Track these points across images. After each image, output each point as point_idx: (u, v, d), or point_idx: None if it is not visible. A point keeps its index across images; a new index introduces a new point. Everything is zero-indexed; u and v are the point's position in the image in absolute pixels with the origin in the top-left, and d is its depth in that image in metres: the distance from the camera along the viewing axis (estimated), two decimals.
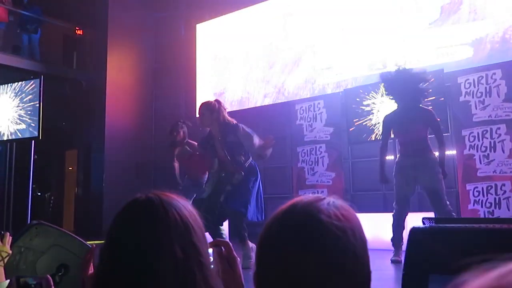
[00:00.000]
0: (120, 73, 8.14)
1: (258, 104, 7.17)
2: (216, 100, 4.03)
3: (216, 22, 7.96)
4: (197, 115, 7.55)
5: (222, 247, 1.16)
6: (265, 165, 6.31)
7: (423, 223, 1.08)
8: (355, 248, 0.68)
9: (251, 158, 3.90)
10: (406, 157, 3.87)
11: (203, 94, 7.85)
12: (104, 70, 7.94)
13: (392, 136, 4.24)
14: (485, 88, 4.97)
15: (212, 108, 3.88)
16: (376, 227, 4.60)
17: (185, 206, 0.87)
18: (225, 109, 3.97)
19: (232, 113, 7.24)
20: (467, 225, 1.02)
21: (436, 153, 3.89)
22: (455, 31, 5.53)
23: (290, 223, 0.70)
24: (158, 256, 0.80)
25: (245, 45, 7.51)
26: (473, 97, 5.04)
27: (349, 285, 0.68)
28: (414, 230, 1.05)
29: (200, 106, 4.02)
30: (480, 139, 4.90)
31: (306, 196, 0.74)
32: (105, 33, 8.01)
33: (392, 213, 4.02)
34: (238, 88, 7.52)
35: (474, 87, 5.05)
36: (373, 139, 5.46)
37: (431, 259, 1.00)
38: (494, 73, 4.94)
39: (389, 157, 5.85)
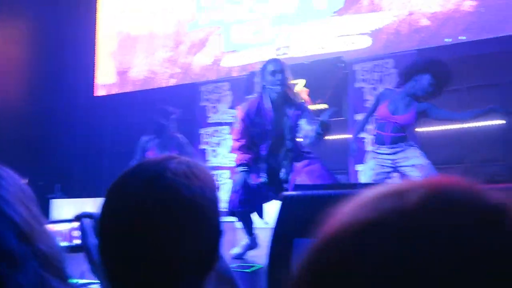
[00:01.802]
0: (8, 46, 7.41)
1: (163, 85, 6.98)
2: None
3: None
4: (96, 94, 7.14)
5: (88, 219, 1.12)
6: None
7: (295, 190, 1.09)
8: (203, 208, 0.65)
9: None
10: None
11: (105, 72, 7.45)
12: None
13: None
14: (379, 76, 5.29)
15: None
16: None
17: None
18: None
19: (135, 94, 7.02)
20: (327, 191, 1.04)
21: None
22: (355, 20, 5.81)
23: (135, 182, 0.65)
24: None
25: (151, 22, 7.23)
26: (367, 84, 5.35)
27: (196, 246, 0.64)
28: (285, 197, 1.05)
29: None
30: None
31: (155, 157, 0.71)
32: None
33: None
34: (143, 67, 7.24)
35: (369, 74, 5.36)
36: None
37: (296, 224, 1.01)
38: (387, 62, 5.28)
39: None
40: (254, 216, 3.32)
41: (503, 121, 4.63)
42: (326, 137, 3.03)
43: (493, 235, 0.24)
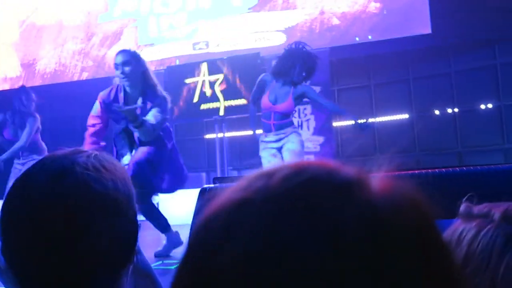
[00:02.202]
0: None
1: (75, 78, 6.61)
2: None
3: None
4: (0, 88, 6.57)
5: None
6: None
7: (214, 183, 1.11)
8: (116, 201, 0.64)
9: None
10: None
11: (7, 64, 6.89)
12: None
13: None
14: None
15: None
16: None
17: None
18: None
19: (45, 87, 6.57)
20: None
21: None
22: (271, 18, 5.94)
23: (39, 179, 0.61)
24: None
25: (59, 11, 6.80)
26: None
27: (110, 241, 0.63)
28: (203, 189, 1.07)
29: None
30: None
31: (62, 150, 0.67)
32: None
33: None
34: (52, 59, 6.79)
35: None
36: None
37: None
38: None
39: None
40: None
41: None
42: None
43: (343, 204, 0.26)
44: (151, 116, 3.06)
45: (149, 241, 3.62)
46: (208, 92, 5.51)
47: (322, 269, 0.24)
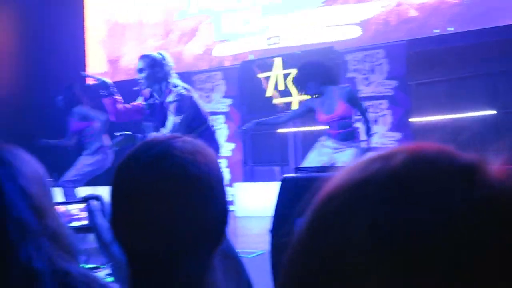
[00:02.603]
0: None
1: None
2: None
3: None
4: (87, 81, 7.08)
5: (94, 201, 1.14)
6: None
7: (296, 172, 1.14)
8: (210, 184, 0.68)
9: None
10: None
11: (96, 60, 7.39)
12: None
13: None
14: (370, 66, 5.34)
15: None
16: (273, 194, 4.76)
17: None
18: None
19: (128, 82, 6.96)
20: (326, 173, 1.08)
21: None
22: (345, 11, 5.84)
23: (143, 161, 0.67)
24: None
25: (140, 10, 7.18)
26: (359, 73, 5.40)
27: (205, 222, 0.68)
28: (284, 179, 1.10)
29: None
30: None
31: (159, 135, 0.73)
32: None
33: None
34: (134, 55, 7.19)
35: (360, 64, 5.41)
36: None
37: (297, 205, 1.05)
38: (378, 53, 5.34)
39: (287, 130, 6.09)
40: None
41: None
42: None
43: (468, 187, 0.27)
44: (167, 128, 3.16)
45: None
46: (281, 86, 5.54)
47: (451, 251, 0.25)
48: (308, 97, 3.91)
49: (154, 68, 3.22)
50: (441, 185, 0.28)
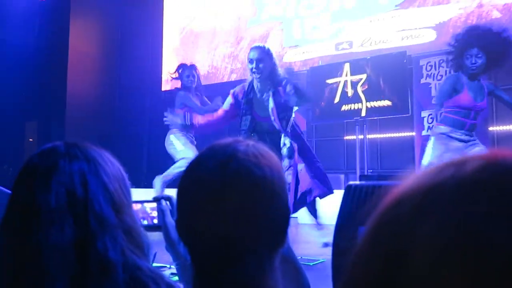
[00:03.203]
0: (83, 42, 7.89)
1: (225, 80, 7.12)
2: None
3: None
4: (163, 88, 7.39)
5: (166, 201, 1.19)
6: None
7: (360, 180, 1.12)
8: (273, 186, 0.69)
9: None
10: None
11: (170, 66, 7.72)
12: (66, 38, 7.68)
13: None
14: (445, 71, 5.09)
15: None
16: (337, 202, 4.70)
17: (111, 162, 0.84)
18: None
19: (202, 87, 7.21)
20: (392, 181, 1.05)
21: None
22: (420, 14, 5.62)
23: (208, 164, 0.70)
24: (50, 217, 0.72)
25: (213, 18, 7.41)
26: (433, 79, 5.16)
27: (268, 223, 0.69)
28: (349, 186, 1.09)
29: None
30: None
31: (224, 139, 0.75)
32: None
33: None
34: (205, 62, 7.43)
35: (435, 70, 5.17)
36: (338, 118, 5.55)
37: (361, 212, 1.03)
38: None
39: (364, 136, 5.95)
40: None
41: None
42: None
43: None
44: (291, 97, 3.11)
45: None
46: (350, 93, 5.45)
47: None
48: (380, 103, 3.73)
49: (271, 58, 3.24)
50: None
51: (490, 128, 5.12)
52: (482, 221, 0.26)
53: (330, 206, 4.89)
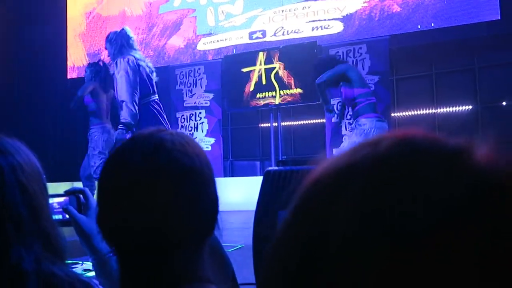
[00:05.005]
0: None
1: None
2: None
3: None
4: (69, 76, 6.99)
5: (79, 195, 1.13)
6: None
7: (278, 165, 1.14)
8: (202, 175, 0.67)
9: None
10: None
11: (76, 54, 7.27)
12: None
13: None
14: (352, 61, 5.37)
15: None
16: (253, 189, 4.78)
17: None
18: None
19: None
20: (309, 166, 1.08)
21: None
22: (328, 6, 5.85)
23: (134, 155, 0.66)
24: None
25: (122, 3, 7.07)
26: None
27: (196, 213, 0.67)
28: (268, 172, 1.10)
29: None
30: None
31: (145, 129, 0.71)
32: None
33: None
34: None
35: (344, 59, 5.43)
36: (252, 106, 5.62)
37: (280, 197, 1.06)
38: (360, 48, 5.36)
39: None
40: None
41: None
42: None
43: (455, 171, 0.26)
44: None
45: None
46: (264, 81, 5.54)
47: (435, 236, 0.25)
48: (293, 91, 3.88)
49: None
50: (428, 168, 0.27)
51: (392, 114, 5.51)
52: (396, 196, 0.26)
53: (245, 193, 4.96)
